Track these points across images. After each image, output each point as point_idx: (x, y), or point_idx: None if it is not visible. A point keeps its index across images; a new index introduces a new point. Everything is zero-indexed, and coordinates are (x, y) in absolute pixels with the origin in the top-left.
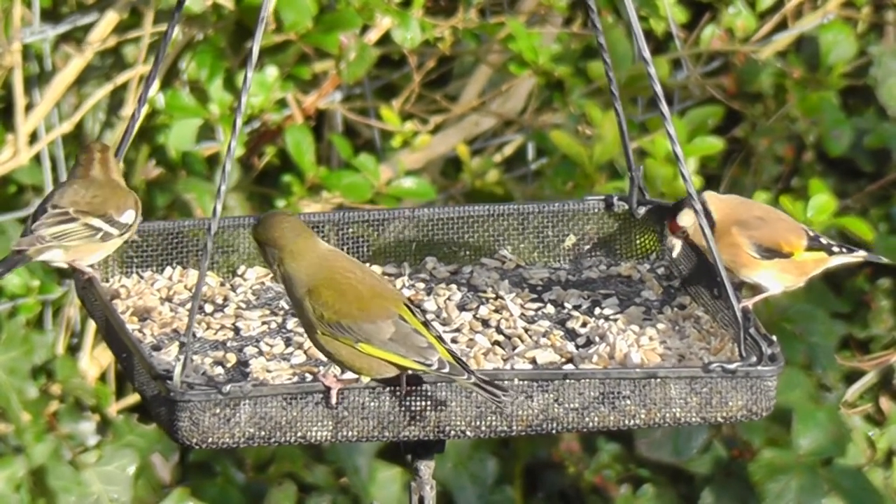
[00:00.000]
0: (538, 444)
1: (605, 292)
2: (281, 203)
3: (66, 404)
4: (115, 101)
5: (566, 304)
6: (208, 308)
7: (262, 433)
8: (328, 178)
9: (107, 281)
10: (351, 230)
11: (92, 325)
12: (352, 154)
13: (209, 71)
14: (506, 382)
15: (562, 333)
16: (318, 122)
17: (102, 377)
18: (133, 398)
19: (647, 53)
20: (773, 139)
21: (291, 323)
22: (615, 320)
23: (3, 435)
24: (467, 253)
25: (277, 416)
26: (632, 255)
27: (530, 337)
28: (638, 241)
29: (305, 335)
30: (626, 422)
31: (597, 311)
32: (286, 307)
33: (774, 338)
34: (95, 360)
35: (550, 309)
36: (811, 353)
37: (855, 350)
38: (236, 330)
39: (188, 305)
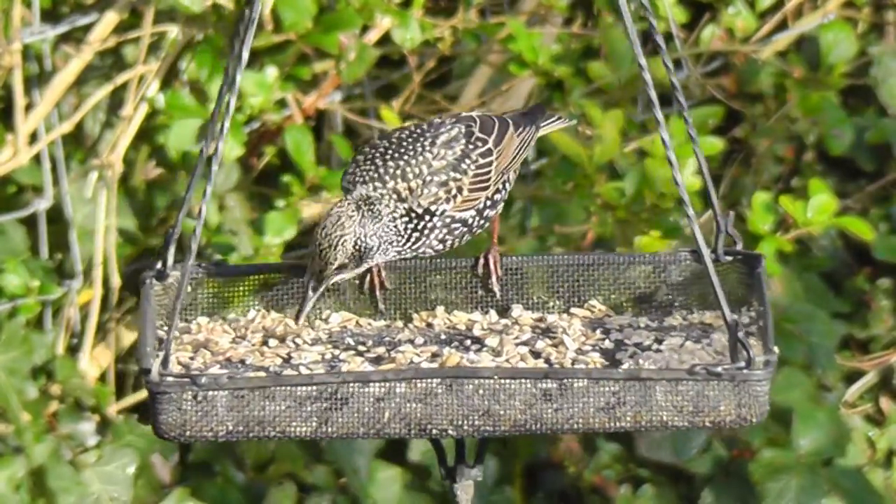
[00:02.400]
0: (538, 444)
1: (676, 335)
2: (281, 203)
3: (65, 404)
4: (115, 101)
5: (627, 342)
6: (272, 342)
7: (241, 428)
8: (328, 178)
9: (187, 321)
10: (440, 276)
11: (92, 325)
12: (352, 154)
13: (209, 71)
14: (487, 381)
15: (604, 363)
16: (318, 123)
17: (102, 377)
18: (133, 398)
19: (642, 60)
20: (773, 139)
21: (345, 354)
22: (662, 352)
23: (3, 435)
24: (557, 303)
25: (257, 411)
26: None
27: (573, 364)
28: (728, 291)
29: (351, 362)
30: (613, 424)
31: (654, 346)
32: (350, 342)
33: (776, 348)
34: (95, 361)
35: (609, 345)
36: (811, 353)
37: (855, 350)
38: (287, 359)
39: (254, 340)
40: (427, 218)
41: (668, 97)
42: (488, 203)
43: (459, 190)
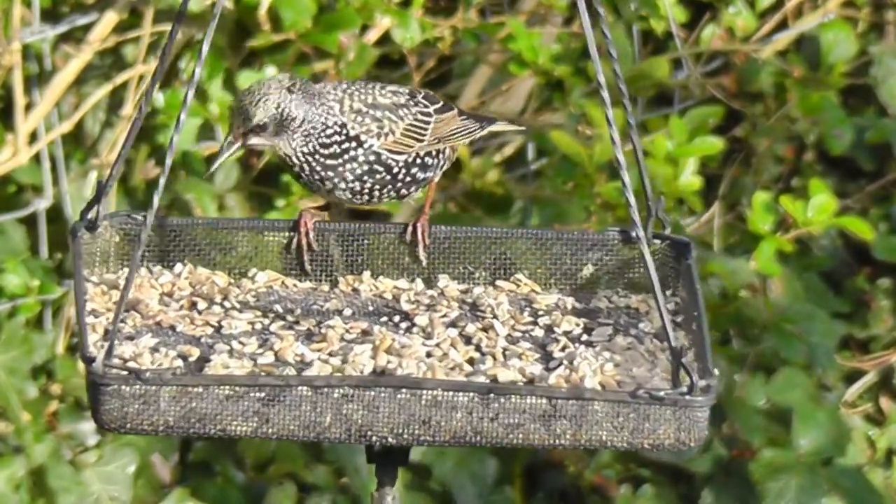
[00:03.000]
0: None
1: (603, 321)
2: (281, 203)
3: (66, 404)
4: (115, 101)
5: (556, 329)
6: (201, 305)
7: (183, 423)
8: None
9: (113, 272)
10: (368, 241)
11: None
12: None
13: (209, 70)
14: (429, 392)
15: (537, 356)
16: None
17: None
18: None
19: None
20: (773, 139)
21: (276, 326)
22: (594, 347)
23: (3, 435)
24: (483, 274)
25: (198, 408)
26: (646, 288)
27: (505, 356)
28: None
29: (284, 338)
30: (552, 441)
31: (584, 337)
32: (279, 311)
33: (716, 371)
34: None
35: (539, 332)
36: (811, 353)
37: (855, 350)
38: (218, 328)
39: (182, 301)
40: (353, 145)
41: (670, 97)
42: (418, 161)
43: (392, 131)
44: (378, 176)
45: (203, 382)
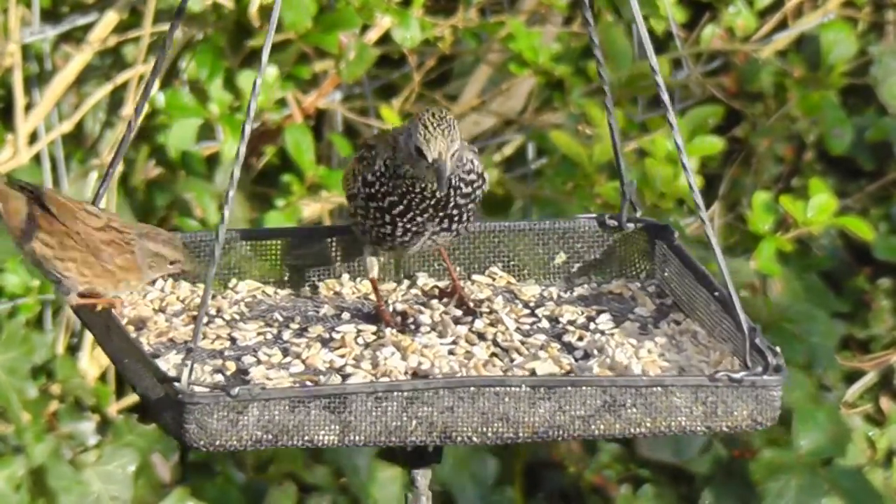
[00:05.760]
0: (538, 444)
1: (599, 308)
2: (281, 202)
3: (66, 404)
4: (115, 101)
5: (561, 320)
6: (202, 319)
7: (269, 436)
8: (328, 177)
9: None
10: (343, 244)
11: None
12: (351, 153)
13: (209, 70)
14: (513, 389)
15: (559, 346)
16: (318, 122)
17: (102, 377)
18: (133, 398)
19: (654, 62)
20: (773, 139)
21: (287, 334)
22: (612, 335)
23: (3, 435)
24: (458, 269)
25: (284, 420)
26: (622, 273)
27: (528, 349)
28: (629, 259)
29: (302, 345)
30: (632, 430)
31: (591, 325)
32: (280, 319)
33: (778, 349)
34: (95, 360)
35: (546, 324)
36: (811, 353)
37: (855, 350)
38: (233, 340)
39: (182, 316)
40: (480, 182)
41: (670, 96)
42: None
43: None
44: (468, 215)
45: (289, 396)
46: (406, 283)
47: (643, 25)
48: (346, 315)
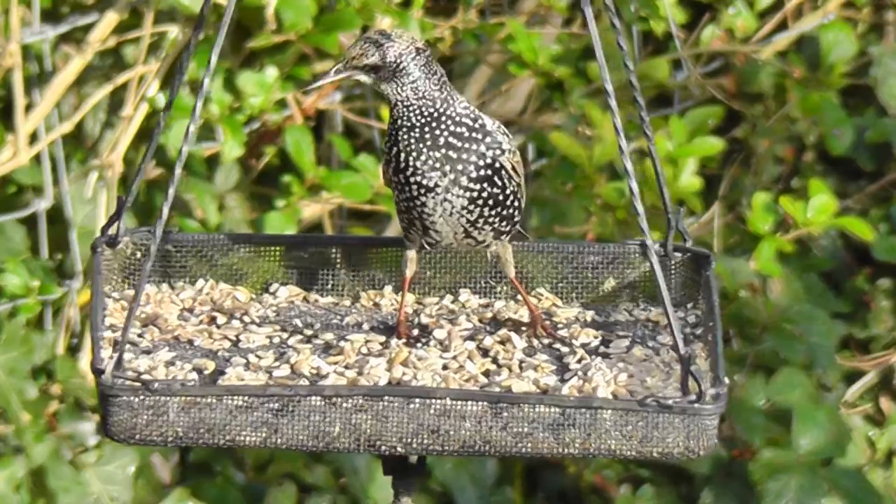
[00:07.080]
0: None
1: (623, 334)
2: (281, 203)
3: (66, 404)
4: (115, 101)
5: (574, 342)
6: (220, 320)
7: (192, 434)
8: (328, 178)
9: (132, 288)
10: (393, 254)
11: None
12: (351, 154)
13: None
14: (438, 401)
15: (553, 367)
16: (318, 123)
17: None
18: None
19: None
20: (773, 139)
21: (294, 340)
22: (610, 358)
23: (3, 435)
24: (505, 288)
25: (207, 418)
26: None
27: (521, 368)
28: (674, 288)
29: (300, 351)
30: (562, 450)
31: (601, 349)
32: (298, 325)
33: (726, 380)
34: None
35: (557, 345)
36: (811, 353)
37: (855, 350)
38: (236, 342)
39: (202, 316)
40: (481, 136)
41: (670, 98)
42: (518, 198)
43: (514, 152)
44: (495, 189)
45: (211, 393)
46: (449, 297)
47: (596, 29)
48: (366, 325)
